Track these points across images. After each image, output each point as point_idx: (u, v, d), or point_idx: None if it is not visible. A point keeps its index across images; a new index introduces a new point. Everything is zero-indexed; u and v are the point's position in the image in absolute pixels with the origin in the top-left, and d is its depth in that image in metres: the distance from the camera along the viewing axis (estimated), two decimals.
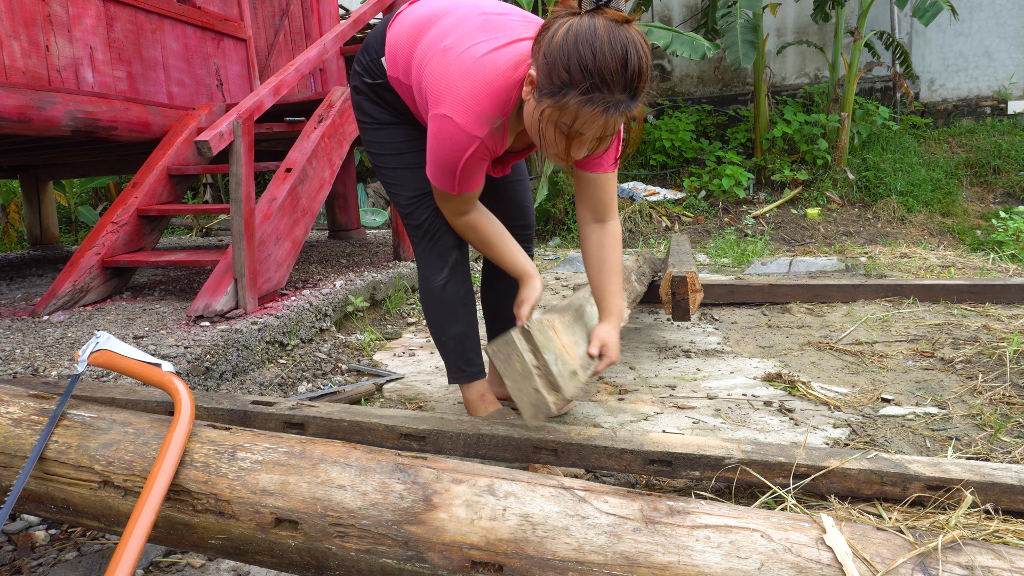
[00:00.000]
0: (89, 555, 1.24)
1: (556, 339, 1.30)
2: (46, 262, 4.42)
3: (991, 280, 2.93)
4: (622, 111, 1.13)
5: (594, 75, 1.09)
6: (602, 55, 1.09)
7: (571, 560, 0.78)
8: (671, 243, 3.41)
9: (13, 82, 2.63)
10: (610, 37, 1.09)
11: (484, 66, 1.28)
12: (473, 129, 1.29)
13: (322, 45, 2.90)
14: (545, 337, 1.25)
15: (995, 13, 7.09)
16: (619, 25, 1.10)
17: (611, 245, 1.51)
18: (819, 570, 0.74)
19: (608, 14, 1.11)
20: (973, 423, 1.67)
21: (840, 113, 6.17)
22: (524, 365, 1.19)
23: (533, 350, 1.21)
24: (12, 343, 2.13)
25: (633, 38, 1.10)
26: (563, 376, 1.24)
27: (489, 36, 1.32)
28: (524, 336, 1.21)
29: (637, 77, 1.11)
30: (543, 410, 1.20)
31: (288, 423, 1.45)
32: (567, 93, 1.12)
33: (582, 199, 1.49)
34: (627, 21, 1.11)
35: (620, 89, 1.11)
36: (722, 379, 2.12)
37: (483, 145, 1.32)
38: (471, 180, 1.40)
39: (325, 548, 0.85)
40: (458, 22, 1.37)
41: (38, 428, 1.00)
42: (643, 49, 1.11)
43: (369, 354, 2.58)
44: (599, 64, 1.09)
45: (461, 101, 1.28)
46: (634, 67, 1.10)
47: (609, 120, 1.14)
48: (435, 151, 1.36)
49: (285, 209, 2.74)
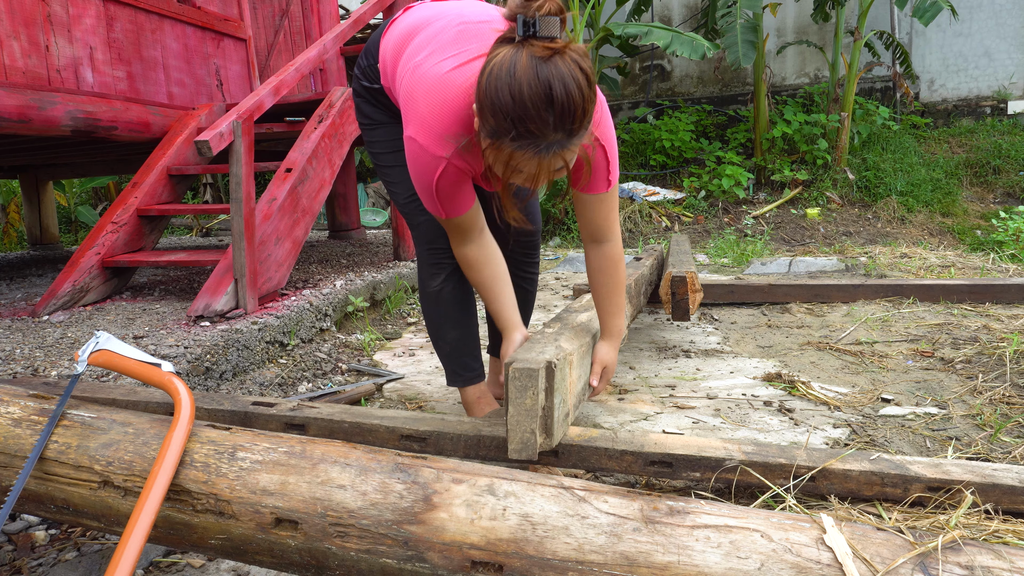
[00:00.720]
0: (89, 555, 1.24)
1: (568, 377, 1.30)
2: (46, 262, 4.42)
3: (991, 280, 2.93)
4: (556, 152, 1.07)
5: (518, 123, 1.04)
6: (521, 101, 1.02)
7: (571, 560, 0.78)
8: (671, 243, 3.41)
9: (13, 82, 2.63)
10: (529, 79, 1.01)
11: (445, 84, 1.24)
12: (436, 149, 1.26)
13: (322, 45, 2.90)
14: (561, 376, 1.24)
15: (995, 13, 7.09)
16: (544, 60, 1.02)
17: (608, 268, 1.49)
18: (819, 570, 0.74)
19: (534, 48, 1.02)
20: (973, 423, 1.67)
21: (840, 113, 6.17)
22: (534, 403, 1.17)
23: (547, 389, 1.19)
24: (12, 343, 2.13)
25: (559, 73, 1.02)
26: (558, 421, 1.24)
27: (459, 49, 1.28)
28: (548, 373, 1.18)
29: (568, 114, 1.03)
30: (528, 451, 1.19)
31: (289, 424, 1.45)
32: (500, 137, 1.07)
33: (580, 219, 1.48)
34: (554, 52, 1.02)
35: (551, 130, 1.04)
36: (722, 379, 2.12)
37: (451, 165, 1.28)
38: (454, 202, 1.36)
39: (325, 548, 0.85)
40: (434, 35, 1.33)
41: (38, 428, 1.00)
42: (573, 82, 1.03)
43: (369, 354, 2.58)
44: (520, 111, 1.03)
45: (423, 121, 1.26)
46: (562, 105, 1.02)
47: (543, 161, 1.09)
48: (412, 174, 1.35)
49: (285, 209, 2.74)
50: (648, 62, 8.27)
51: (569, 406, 1.32)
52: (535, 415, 1.17)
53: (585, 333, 1.50)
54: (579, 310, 1.69)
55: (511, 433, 1.19)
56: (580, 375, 1.41)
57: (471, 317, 1.69)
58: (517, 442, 1.19)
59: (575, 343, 1.38)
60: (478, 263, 1.46)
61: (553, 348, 1.27)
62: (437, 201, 1.35)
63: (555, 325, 1.51)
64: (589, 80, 1.06)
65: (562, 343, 1.33)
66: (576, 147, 1.10)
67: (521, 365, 1.17)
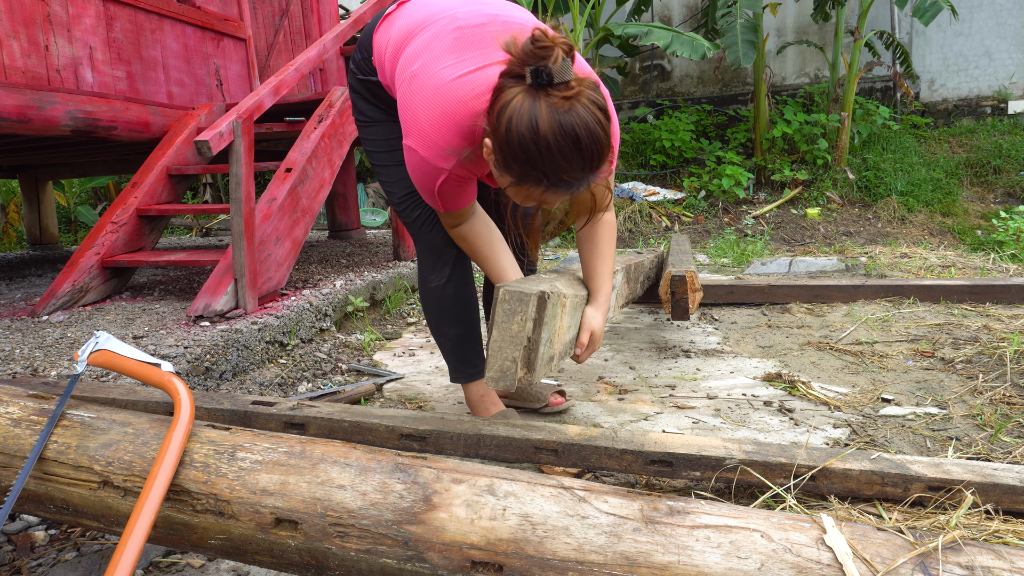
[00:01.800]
0: (89, 555, 1.23)
1: (558, 318, 1.25)
2: (45, 262, 4.42)
3: (991, 280, 2.93)
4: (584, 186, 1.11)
5: (549, 174, 1.07)
6: (550, 155, 1.04)
7: (571, 560, 0.78)
8: (671, 243, 3.41)
9: (13, 82, 2.63)
10: (555, 132, 1.02)
11: (445, 96, 1.23)
12: (438, 161, 1.26)
13: (322, 45, 2.90)
14: (552, 313, 1.20)
15: (995, 13, 7.09)
16: (566, 111, 1.03)
17: (604, 231, 1.48)
18: (819, 570, 0.74)
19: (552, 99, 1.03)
20: (973, 423, 1.67)
21: (840, 113, 6.17)
22: (521, 330, 1.12)
23: (536, 320, 1.15)
24: (11, 343, 2.13)
25: (582, 120, 1.03)
26: (542, 360, 1.20)
27: (458, 58, 1.26)
28: (539, 303, 1.14)
29: (595, 156, 1.07)
30: (507, 381, 1.14)
31: (289, 424, 1.45)
32: (528, 180, 1.10)
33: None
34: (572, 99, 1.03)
35: (579, 170, 1.07)
36: (722, 379, 2.12)
37: (452, 175, 1.29)
38: (455, 201, 1.37)
39: (325, 548, 0.85)
40: (430, 41, 1.32)
41: (37, 428, 1.00)
42: (596, 124, 1.04)
43: (369, 354, 2.58)
44: (551, 165, 1.05)
45: (424, 134, 1.25)
46: (588, 150, 1.05)
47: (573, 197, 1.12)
48: (413, 178, 1.35)
49: (285, 209, 2.74)
50: (648, 62, 8.27)
51: (555, 350, 1.27)
52: (520, 343, 1.12)
53: (582, 286, 1.46)
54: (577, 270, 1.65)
55: (491, 359, 1.14)
56: (570, 325, 1.35)
57: (472, 314, 1.69)
58: (496, 370, 1.14)
59: (571, 290, 1.34)
60: (472, 234, 1.47)
61: (548, 284, 1.23)
62: (438, 201, 1.36)
63: (551, 274, 1.47)
64: (606, 114, 1.08)
65: (559, 284, 1.28)
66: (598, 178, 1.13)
67: (514, 288, 1.13)
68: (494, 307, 1.14)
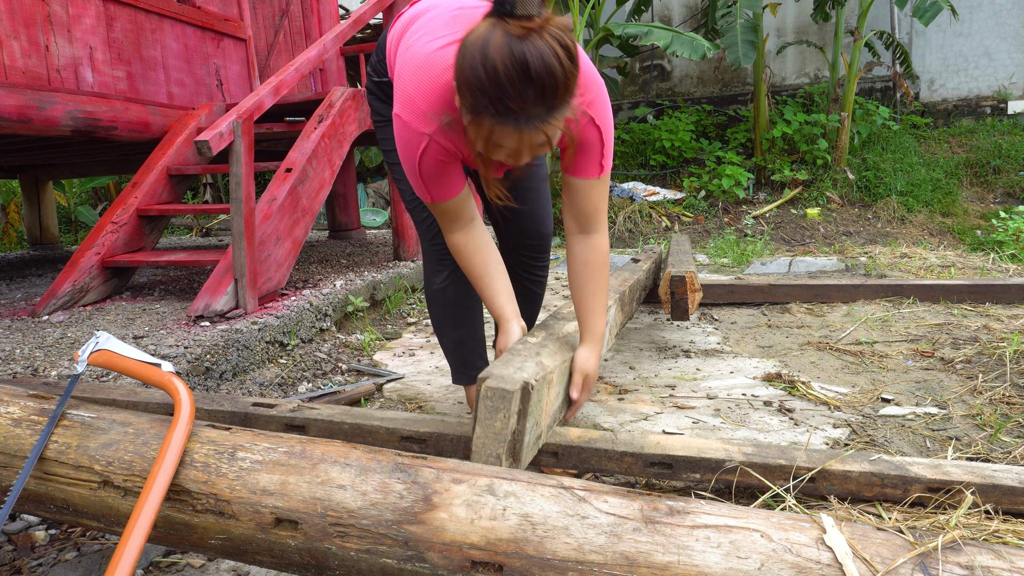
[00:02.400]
0: (89, 555, 1.24)
1: (545, 397, 1.21)
2: (46, 262, 4.42)
3: (991, 280, 2.93)
4: (536, 126, 1.08)
5: (495, 100, 1.05)
6: (496, 78, 1.03)
7: (571, 560, 0.78)
8: (671, 243, 3.41)
9: (13, 82, 2.63)
10: (503, 56, 1.02)
11: (431, 62, 1.24)
12: (419, 125, 1.26)
13: (322, 45, 2.90)
14: (538, 397, 1.15)
15: (995, 13, 7.09)
16: (520, 39, 1.02)
17: (596, 262, 1.43)
18: (819, 570, 0.74)
19: (508, 26, 1.03)
20: (973, 423, 1.67)
21: (840, 113, 6.17)
22: (504, 427, 1.08)
23: (520, 413, 1.10)
24: (12, 343, 2.13)
25: (536, 49, 1.02)
26: (528, 447, 1.16)
27: (450, 31, 1.26)
28: (523, 395, 1.10)
29: (549, 88, 1.04)
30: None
31: (289, 425, 1.45)
32: (480, 113, 1.08)
33: (567, 206, 1.42)
34: (530, 31, 1.02)
35: (531, 104, 1.04)
36: (722, 379, 2.12)
37: (434, 143, 1.27)
38: (440, 185, 1.35)
39: (325, 548, 0.85)
40: (428, 20, 1.33)
41: (38, 428, 1.00)
42: (552, 56, 1.02)
43: (369, 354, 2.58)
44: (498, 88, 1.03)
45: (408, 98, 1.25)
46: (540, 79, 1.02)
47: (523, 136, 1.09)
48: (399, 154, 1.35)
49: (285, 209, 2.74)
50: (648, 62, 8.27)
51: (542, 428, 1.24)
52: (503, 440, 1.08)
53: (569, 347, 1.42)
54: (567, 317, 1.60)
55: (475, 455, 1.09)
56: (559, 392, 1.32)
57: (475, 315, 1.68)
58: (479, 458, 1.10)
59: (557, 359, 1.29)
60: (468, 249, 1.44)
61: (533, 364, 1.18)
62: (422, 182, 1.34)
63: (539, 334, 1.42)
64: (571, 54, 1.05)
65: (543, 358, 1.24)
66: (558, 121, 1.09)
67: (495, 384, 1.08)
68: (476, 401, 1.09)
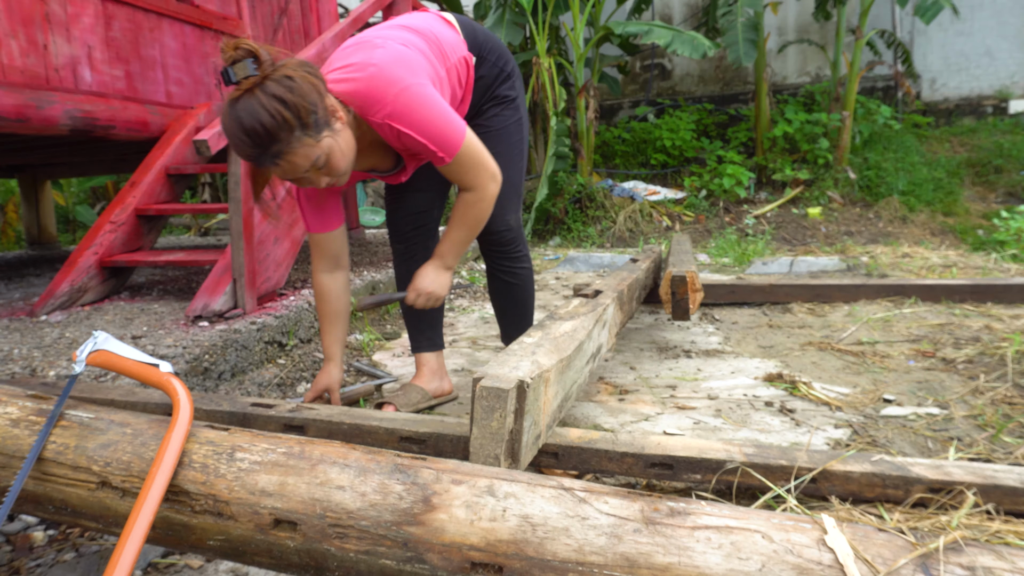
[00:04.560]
0: (87, 556, 1.23)
1: (543, 395, 1.20)
2: (44, 262, 4.41)
3: (993, 280, 2.92)
4: (277, 162, 1.30)
5: (240, 150, 1.30)
6: (231, 138, 1.28)
7: (571, 561, 0.77)
8: (672, 243, 3.41)
9: (11, 81, 2.62)
10: (226, 122, 1.27)
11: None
12: None
13: (321, 44, 2.89)
14: (535, 395, 1.15)
15: (996, 12, 7.08)
16: (235, 102, 1.25)
17: (463, 204, 1.60)
18: (820, 571, 0.73)
19: (230, 95, 1.26)
20: (975, 423, 1.67)
21: (841, 112, 6.16)
22: (501, 427, 1.07)
23: (517, 412, 1.09)
24: (10, 343, 2.12)
25: (246, 107, 1.24)
26: (526, 446, 1.16)
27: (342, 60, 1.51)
28: (519, 394, 1.09)
29: (263, 135, 1.25)
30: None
31: (288, 425, 1.44)
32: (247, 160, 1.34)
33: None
34: (244, 92, 1.24)
35: (255, 150, 1.27)
36: (723, 379, 2.12)
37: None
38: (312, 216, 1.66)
39: (324, 549, 0.84)
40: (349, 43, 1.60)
41: (36, 428, 0.99)
42: (259, 109, 1.24)
43: (368, 354, 2.57)
44: (235, 143, 1.28)
45: None
46: (252, 131, 1.25)
47: (283, 169, 1.33)
48: None
49: (284, 208, 2.74)
50: (649, 61, 8.27)
51: (541, 427, 1.24)
52: (501, 440, 1.07)
53: (568, 345, 1.41)
54: (564, 317, 1.59)
55: (473, 455, 1.09)
56: (557, 392, 1.31)
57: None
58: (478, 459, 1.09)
59: (554, 357, 1.28)
60: (320, 295, 1.76)
61: (529, 363, 1.18)
62: (301, 209, 1.65)
63: (536, 334, 1.43)
64: (282, 100, 1.25)
65: (539, 357, 1.24)
66: (301, 148, 1.30)
67: (490, 384, 1.08)
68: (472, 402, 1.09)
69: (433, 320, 1.97)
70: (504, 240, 1.85)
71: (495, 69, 1.75)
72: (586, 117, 6.32)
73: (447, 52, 1.61)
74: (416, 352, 1.98)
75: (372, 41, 1.50)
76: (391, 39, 1.50)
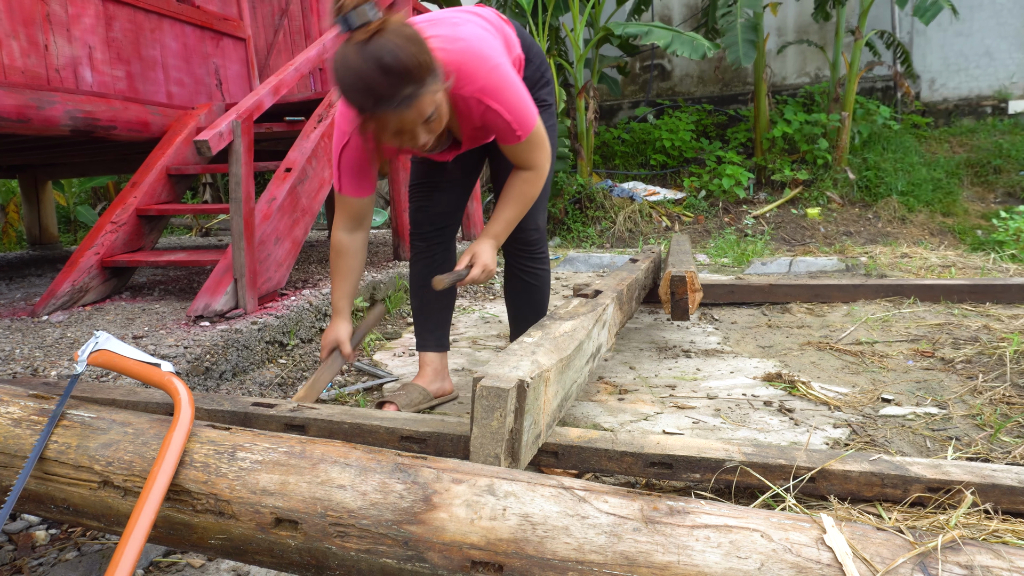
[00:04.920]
0: (89, 555, 1.24)
1: (543, 395, 1.21)
2: (45, 262, 4.41)
3: (992, 280, 2.93)
4: (409, 104, 1.26)
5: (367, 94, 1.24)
6: (361, 79, 1.22)
7: (571, 560, 0.78)
8: (671, 243, 3.41)
9: (12, 82, 2.63)
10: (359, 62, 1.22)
11: None
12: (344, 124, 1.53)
13: (322, 44, 2.90)
14: (535, 395, 1.15)
15: (996, 12, 7.09)
16: (367, 43, 1.21)
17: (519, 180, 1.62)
18: (819, 570, 0.74)
19: (356, 36, 1.21)
20: (973, 423, 1.67)
21: (841, 113, 6.17)
22: (501, 426, 1.07)
23: (517, 411, 1.10)
24: (11, 343, 2.13)
25: (383, 45, 1.20)
26: (527, 445, 1.16)
27: None
28: (519, 394, 1.09)
29: (405, 72, 1.22)
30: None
31: (289, 425, 1.45)
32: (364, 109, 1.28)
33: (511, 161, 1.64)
34: (373, 34, 1.21)
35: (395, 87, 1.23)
36: (722, 379, 2.12)
37: (354, 139, 1.52)
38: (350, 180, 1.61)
39: (325, 548, 0.85)
40: None
41: (38, 428, 1.00)
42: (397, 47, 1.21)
43: (369, 354, 2.58)
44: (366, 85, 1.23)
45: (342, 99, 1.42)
46: (392, 68, 1.21)
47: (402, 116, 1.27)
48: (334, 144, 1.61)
49: (285, 209, 2.74)
50: (648, 61, 8.27)
51: (541, 427, 1.24)
52: (501, 439, 1.07)
53: (567, 345, 1.42)
54: (564, 317, 1.59)
55: (473, 455, 1.09)
56: (557, 391, 1.32)
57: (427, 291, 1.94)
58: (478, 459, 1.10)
59: (554, 356, 1.29)
60: (336, 250, 1.71)
61: (529, 363, 1.19)
62: (337, 170, 1.61)
63: (536, 333, 1.43)
64: (414, 40, 1.24)
65: (539, 357, 1.24)
66: (428, 95, 1.27)
67: (490, 383, 1.08)
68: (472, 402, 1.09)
69: (442, 320, 1.98)
70: (531, 240, 1.89)
71: (537, 73, 1.79)
72: (586, 118, 6.32)
73: (511, 45, 1.65)
74: (421, 351, 1.98)
75: (449, 19, 1.51)
76: (468, 21, 1.52)
